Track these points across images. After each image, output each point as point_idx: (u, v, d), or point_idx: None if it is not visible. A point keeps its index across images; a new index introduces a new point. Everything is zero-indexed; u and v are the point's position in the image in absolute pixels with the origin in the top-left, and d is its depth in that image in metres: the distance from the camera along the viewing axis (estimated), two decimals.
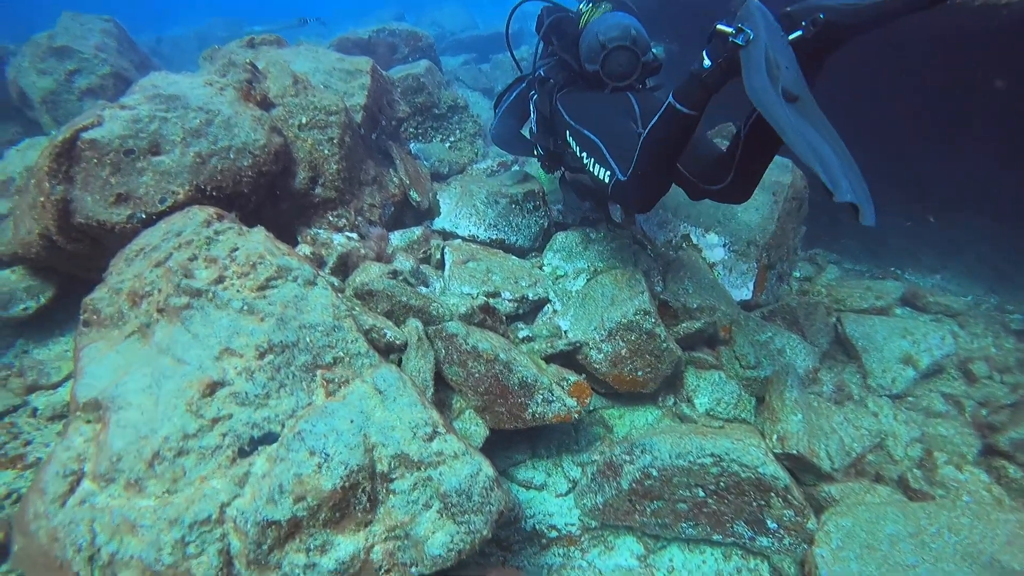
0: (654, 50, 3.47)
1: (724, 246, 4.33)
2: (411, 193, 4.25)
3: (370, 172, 4.03)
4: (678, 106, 2.40)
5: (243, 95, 3.54)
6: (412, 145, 5.70)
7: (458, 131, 6.23)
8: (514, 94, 4.19)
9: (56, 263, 3.55)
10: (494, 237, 4.11)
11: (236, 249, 2.61)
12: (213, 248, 2.62)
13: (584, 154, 3.14)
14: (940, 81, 5.04)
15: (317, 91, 3.84)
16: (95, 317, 2.70)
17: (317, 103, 3.70)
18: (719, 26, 2.22)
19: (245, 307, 2.45)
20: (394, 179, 4.27)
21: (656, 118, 2.50)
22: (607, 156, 2.94)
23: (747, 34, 2.09)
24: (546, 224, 4.34)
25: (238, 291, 2.50)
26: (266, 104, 3.64)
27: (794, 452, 3.02)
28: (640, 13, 3.64)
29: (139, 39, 18.46)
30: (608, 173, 2.90)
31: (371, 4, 26.38)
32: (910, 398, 3.97)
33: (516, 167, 5.52)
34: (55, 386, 3.45)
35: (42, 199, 3.08)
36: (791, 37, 2.17)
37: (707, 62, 2.30)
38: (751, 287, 4.23)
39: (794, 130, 1.93)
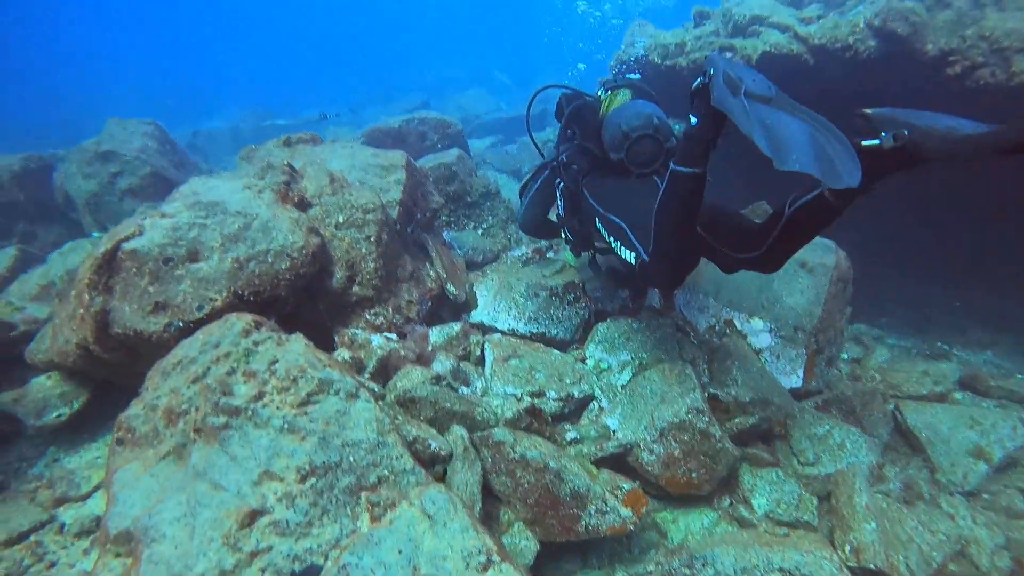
0: (676, 132, 3.44)
1: (770, 332, 4.15)
2: (448, 287, 4.17)
3: (407, 267, 3.97)
4: (680, 168, 2.45)
5: (281, 197, 3.54)
6: (446, 234, 5.68)
7: (490, 217, 6.22)
8: (539, 181, 4.17)
9: (92, 371, 3.50)
10: (535, 331, 3.98)
11: (276, 362, 2.51)
12: (252, 361, 2.53)
13: (611, 238, 3.16)
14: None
15: (353, 189, 3.83)
16: (129, 435, 2.59)
17: (354, 201, 3.68)
18: (693, 87, 2.38)
19: (286, 425, 2.32)
20: (431, 273, 4.20)
21: (663, 188, 2.55)
22: (632, 238, 2.96)
23: (709, 71, 2.29)
24: (587, 315, 4.21)
25: (278, 408, 2.38)
26: (303, 204, 3.64)
27: (871, 567, 2.76)
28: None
29: (179, 132, 19.38)
30: (633, 254, 2.92)
31: (397, 90, 27.53)
32: (985, 496, 3.64)
33: (551, 253, 5.45)
34: (84, 497, 3.32)
35: (81, 311, 3.05)
36: (866, 144, 2.17)
37: (693, 120, 2.40)
38: (801, 374, 4.03)
39: (745, 114, 2.06)
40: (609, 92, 3.75)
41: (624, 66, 7.05)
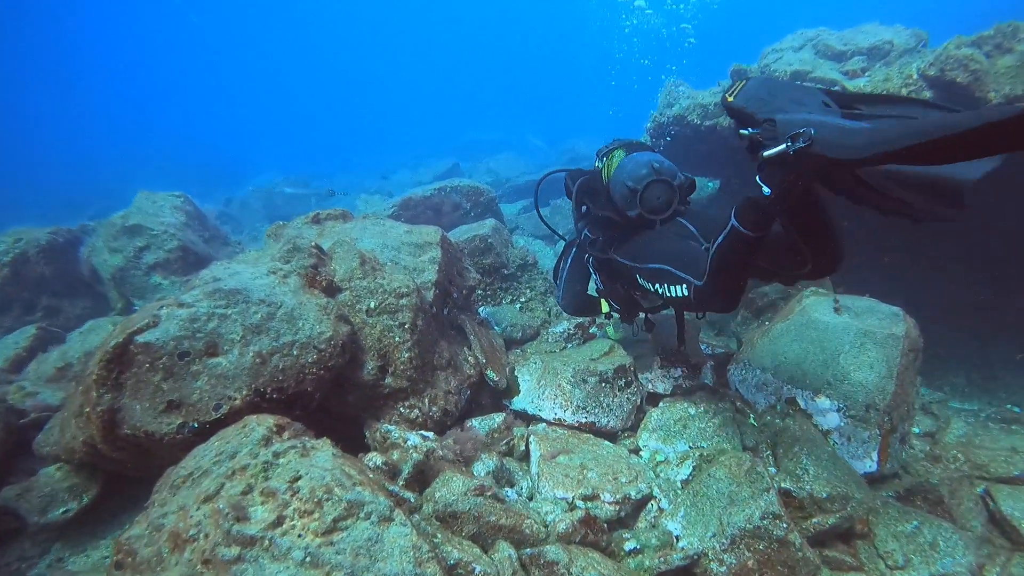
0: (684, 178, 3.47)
1: (838, 411, 3.76)
2: (488, 373, 3.86)
3: (444, 354, 3.67)
4: (741, 229, 2.46)
5: (308, 281, 3.30)
6: (482, 310, 5.41)
7: (528, 290, 5.96)
8: (569, 261, 4.23)
9: (101, 465, 3.24)
10: (583, 421, 3.63)
11: (298, 478, 2.19)
12: (272, 477, 2.21)
13: (657, 285, 3.14)
14: None
15: (386, 271, 3.59)
16: (130, 560, 2.26)
17: (386, 285, 3.43)
18: (766, 154, 2.21)
19: (308, 558, 1.99)
20: (469, 359, 3.91)
21: (722, 238, 2.55)
22: (678, 273, 2.95)
23: (806, 132, 2.04)
24: (639, 400, 3.86)
25: (300, 536, 2.05)
26: (332, 289, 3.39)
27: None
28: (688, 157, 3.65)
29: (214, 197, 19.65)
30: (684, 286, 2.90)
31: (426, 154, 27.94)
32: None
33: (594, 328, 5.14)
34: None
35: (88, 409, 2.79)
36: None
37: (766, 189, 2.30)
38: (876, 457, 3.63)
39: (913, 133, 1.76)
40: (605, 159, 3.79)
41: (661, 128, 6.89)
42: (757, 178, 2.33)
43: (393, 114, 59.01)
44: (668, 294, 3.05)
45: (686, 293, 2.88)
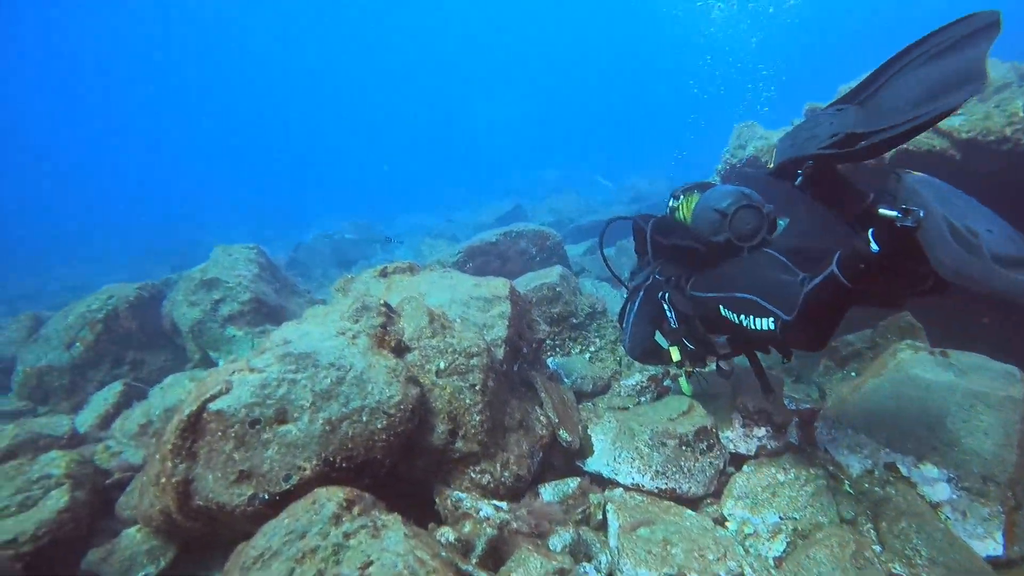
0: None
1: (948, 481, 3.39)
2: (561, 434, 3.70)
3: (515, 415, 3.54)
4: (841, 278, 2.40)
5: (377, 342, 3.26)
6: (551, 360, 5.27)
7: (598, 339, 5.79)
8: (636, 305, 4.16)
9: (177, 532, 3.23)
10: (663, 487, 3.41)
11: (370, 564, 2.08)
12: (343, 561, 2.12)
13: (741, 316, 3.05)
14: None
15: (455, 330, 3.51)
16: None
17: (456, 345, 3.34)
18: (881, 211, 2.17)
19: None
20: (541, 418, 3.76)
21: (819, 280, 2.51)
22: (765, 305, 2.86)
23: (915, 214, 2.02)
24: (722, 464, 3.62)
25: None
26: (401, 349, 3.33)
27: None
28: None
29: (283, 243, 20.28)
30: (771, 320, 2.81)
31: (487, 191, 28.27)
32: None
33: (668, 381, 4.92)
34: None
35: (163, 479, 2.79)
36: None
37: (874, 246, 2.25)
38: (1000, 539, 3.18)
39: (1008, 284, 1.80)
40: (682, 196, 3.82)
41: (733, 170, 6.67)
42: (870, 233, 2.29)
43: (453, 151, 60.31)
44: (753, 327, 2.95)
45: (772, 327, 2.80)
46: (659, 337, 4.18)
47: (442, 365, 3.30)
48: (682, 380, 4.24)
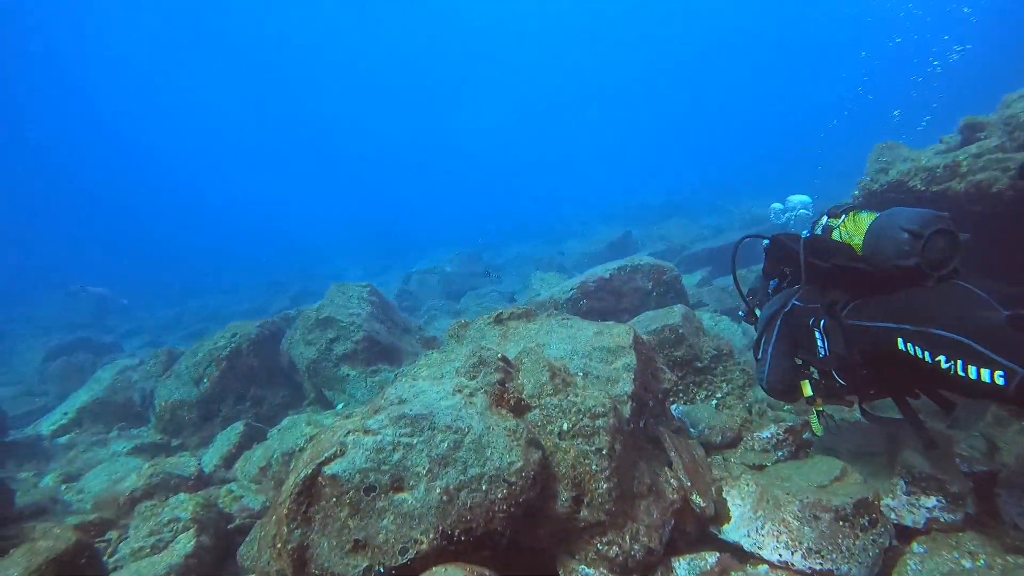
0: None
1: None
2: (694, 499, 3.37)
3: (644, 479, 3.25)
4: None
5: (495, 400, 3.08)
6: (675, 408, 4.91)
7: (724, 384, 5.36)
8: (776, 333, 3.80)
9: None
10: (818, 568, 2.98)
11: None
12: None
13: (942, 358, 2.67)
14: None
15: (578, 386, 3.28)
16: None
17: (580, 404, 3.11)
18: None
19: None
20: (671, 480, 3.44)
21: None
22: (987, 352, 2.49)
23: None
24: (887, 542, 3.14)
25: None
26: (520, 408, 3.13)
27: None
28: None
29: (397, 271, 20.84)
30: (1000, 373, 2.41)
31: (595, 218, 27.95)
32: None
33: (808, 434, 4.44)
34: None
35: (279, 544, 2.72)
36: None
37: None
38: None
39: None
40: (846, 216, 3.54)
41: (873, 196, 6.08)
42: None
43: (558, 178, 60.51)
44: (964, 374, 2.57)
45: (1003, 382, 2.40)
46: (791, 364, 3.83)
47: (565, 427, 3.07)
48: (813, 419, 3.83)
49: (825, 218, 3.76)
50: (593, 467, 2.97)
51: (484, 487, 2.68)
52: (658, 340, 5.25)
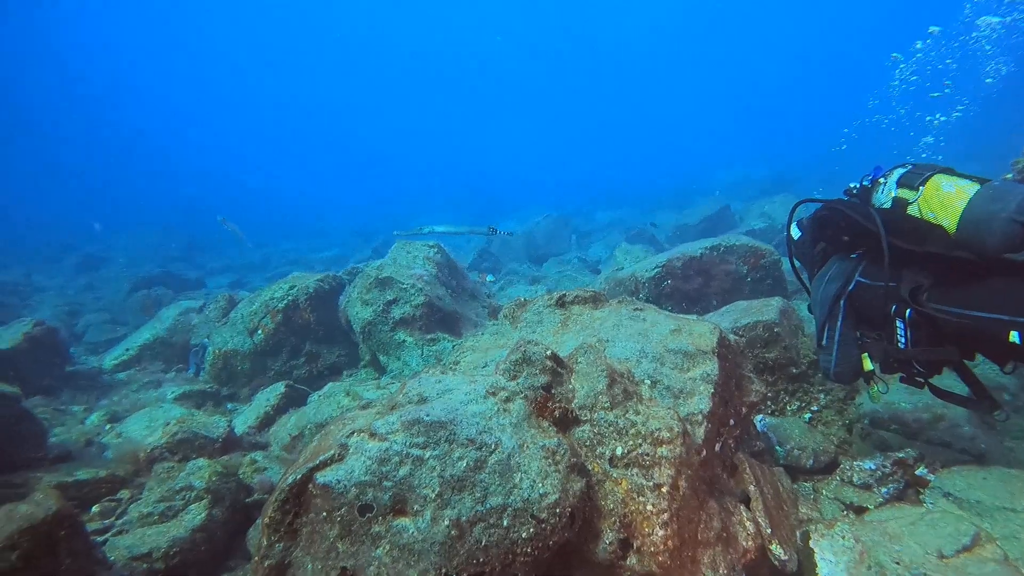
0: None
1: None
2: (773, 549, 2.75)
3: (712, 522, 2.63)
4: None
5: (537, 408, 2.53)
6: (759, 420, 4.22)
7: (822, 396, 4.62)
8: (841, 318, 3.53)
9: None
10: None
11: None
12: None
13: None
14: None
15: (643, 399, 2.67)
16: None
17: (641, 425, 2.50)
18: None
19: None
20: (746, 523, 2.81)
21: None
22: None
23: None
24: None
25: None
26: (566, 421, 2.56)
27: None
28: None
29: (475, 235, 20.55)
30: None
31: (691, 194, 26.39)
32: None
33: (923, 470, 3.70)
34: None
35: (258, 557, 2.31)
36: None
37: None
38: None
39: None
40: (923, 187, 3.24)
41: None
42: None
43: (657, 148, 58.29)
44: None
45: None
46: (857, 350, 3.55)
47: (619, 451, 2.48)
48: (875, 390, 3.52)
49: (894, 187, 3.44)
50: (648, 506, 2.38)
51: (505, 523, 2.15)
52: (748, 338, 4.54)
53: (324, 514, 2.23)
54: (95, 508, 3.98)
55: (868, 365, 3.43)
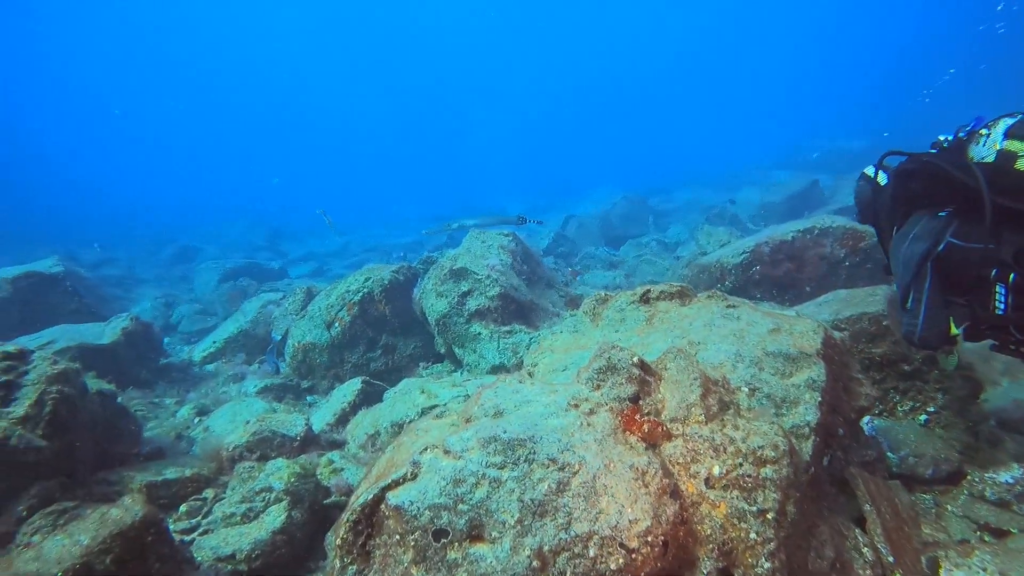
0: None
1: None
2: None
3: (824, 550, 2.36)
4: None
5: (624, 422, 2.32)
6: (866, 423, 3.86)
7: (940, 395, 4.19)
8: (929, 282, 3.26)
9: None
10: None
11: None
12: None
13: None
14: None
15: (741, 411, 2.41)
16: None
17: (740, 443, 2.25)
18: None
19: None
20: (863, 549, 2.52)
21: None
22: None
23: None
24: None
25: None
26: (656, 436, 2.34)
27: None
28: None
29: (558, 211, 20.30)
30: None
31: (774, 169, 24.91)
32: None
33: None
34: None
35: None
36: None
37: None
38: None
39: None
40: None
41: None
42: None
43: (740, 118, 55.99)
44: None
45: None
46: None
47: (717, 471, 2.24)
48: (951, 359, 3.54)
49: (1001, 138, 3.15)
50: (752, 535, 2.14)
51: (592, 552, 1.96)
52: (852, 332, 4.15)
53: (397, 537, 2.11)
54: (183, 508, 4.05)
55: (954, 330, 3.21)
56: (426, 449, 2.27)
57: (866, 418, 4.01)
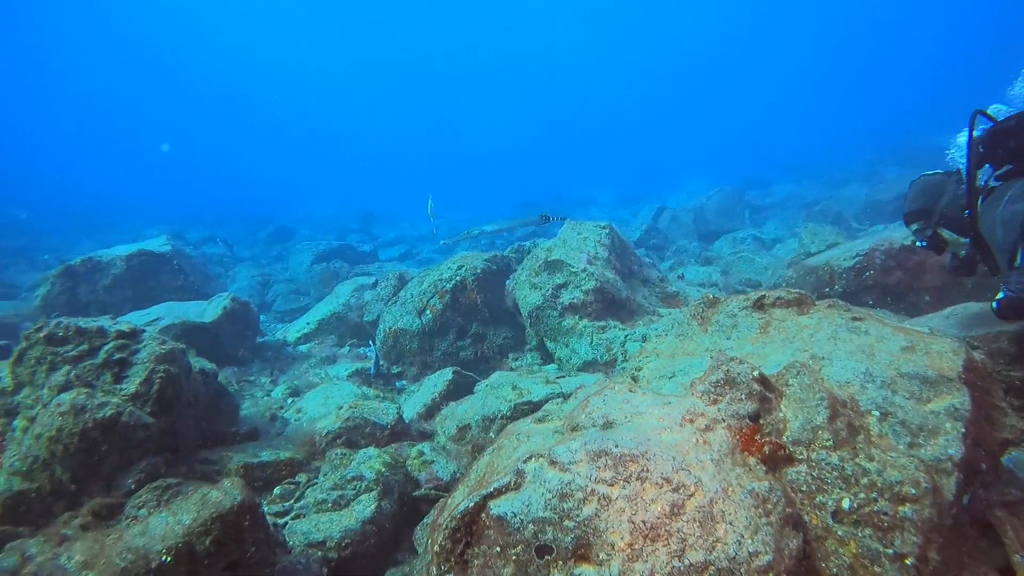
0: None
1: None
2: None
3: None
4: None
5: (741, 442, 2.17)
6: (1006, 458, 3.50)
7: None
8: None
9: None
10: None
11: None
12: None
13: None
14: None
15: (871, 439, 2.20)
16: None
17: (875, 475, 2.05)
18: None
19: None
20: None
21: None
22: None
23: None
24: None
25: None
26: (777, 460, 2.17)
27: None
28: None
29: (647, 202, 19.82)
30: None
31: (883, 163, 23.18)
32: None
33: None
34: None
35: None
36: None
37: None
38: None
39: None
40: None
41: None
42: None
43: (849, 106, 53.02)
44: None
45: None
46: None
47: (846, 504, 2.06)
48: None
49: None
50: None
51: None
52: (988, 352, 3.77)
53: (498, 549, 2.05)
54: (277, 490, 4.16)
55: None
56: (531, 457, 2.19)
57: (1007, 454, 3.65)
